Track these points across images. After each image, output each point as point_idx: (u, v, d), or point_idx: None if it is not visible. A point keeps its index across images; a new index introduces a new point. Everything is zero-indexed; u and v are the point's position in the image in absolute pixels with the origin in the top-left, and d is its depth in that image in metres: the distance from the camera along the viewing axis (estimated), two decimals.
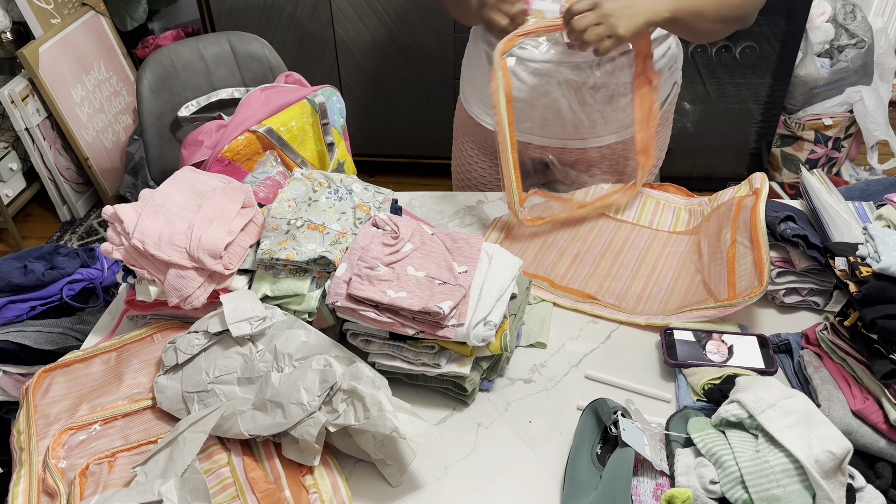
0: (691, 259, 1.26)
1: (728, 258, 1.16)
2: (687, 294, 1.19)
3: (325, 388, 0.89)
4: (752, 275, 1.10)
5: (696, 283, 1.21)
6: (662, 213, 1.37)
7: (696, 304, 1.14)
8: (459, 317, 0.96)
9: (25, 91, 2.69)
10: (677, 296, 1.20)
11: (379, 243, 1.05)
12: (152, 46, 3.11)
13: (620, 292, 1.21)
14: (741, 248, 1.15)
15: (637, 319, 1.15)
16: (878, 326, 0.88)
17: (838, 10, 2.66)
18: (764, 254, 1.10)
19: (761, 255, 1.10)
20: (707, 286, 1.18)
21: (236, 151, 1.38)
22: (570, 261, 1.28)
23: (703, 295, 1.17)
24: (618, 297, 1.20)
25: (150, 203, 1.09)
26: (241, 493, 0.86)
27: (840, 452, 0.80)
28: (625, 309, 1.17)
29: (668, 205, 1.39)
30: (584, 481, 0.87)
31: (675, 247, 1.29)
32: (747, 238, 1.15)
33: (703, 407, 0.98)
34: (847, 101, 2.67)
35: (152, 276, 1.06)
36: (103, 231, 2.95)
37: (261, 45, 1.94)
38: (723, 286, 1.14)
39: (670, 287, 1.21)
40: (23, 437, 0.97)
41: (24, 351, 1.40)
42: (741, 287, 1.10)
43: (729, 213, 1.23)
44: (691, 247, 1.29)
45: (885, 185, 1.37)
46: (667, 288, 1.21)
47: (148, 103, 1.85)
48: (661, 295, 1.20)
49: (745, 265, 1.12)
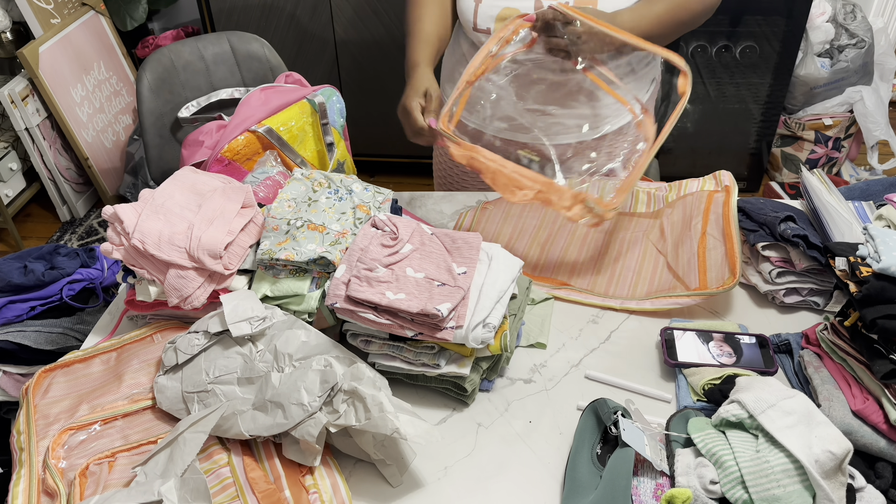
0: (653, 240, 1.29)
1: (699, 248, 1.20)
2: (653, 278, 1.23)
3: (326, 388, 0.89)
4: (722, 267, 1.15)
5: (660, 266, 1.24)
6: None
7: (667, 290, 1.18)
8: (458, 318, 0.96)
9: (25, 91, 2.69)
10: (644, 279, 1.23)
11: (378, 244, 1.04)
12: (152, 46, 3.11)
13: (591, 276, 1.24)
14: (711, 239, 1.20)
15: (611, 303, 1.18)
16: (878, 326, 0.88)
17: (838, 10, 2.66)
18: (735, 246, 1.15)
19: (733, 247, 1.15)
20: (673, 271, 1.22)
21: (236, 151, 1.38)
22: (540, 247, 1.31)
23: (671, 281, 1.20)
24: (589, 282, 1.23)
25: (150, 203, 1.09)
26: (241, 493, 0.86)
27: (840, 452, 0.80)
28: (598, 293, 1.20)
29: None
30: (584, 481, 0.87)
31: (637, 230, 1.33)
32: (718, 231, 1.20)
33: (703, 407, 0.98)
34: (847, 101, 2.67)
35: (152, 276, 1.06)
36: (103, 231, 2.95)
37: (261, 45, 1.93)
38: (693, 275, 1.18)
39: (636, 269, 1.25)
40: (23, 437, 0.97)
41: (24, 351, 1.40)
42: (711, 277, 1.15)
43: (700, 204, 1.27)
44: (653, 229, 1.32)
45: (885, 185, 1.37)
46: (634, 270, 1.25)
47: (148, 103, 1.85)
48: (630, 278, 1.24)
49: (716, 257, 1.17)
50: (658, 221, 1.32)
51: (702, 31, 2.55)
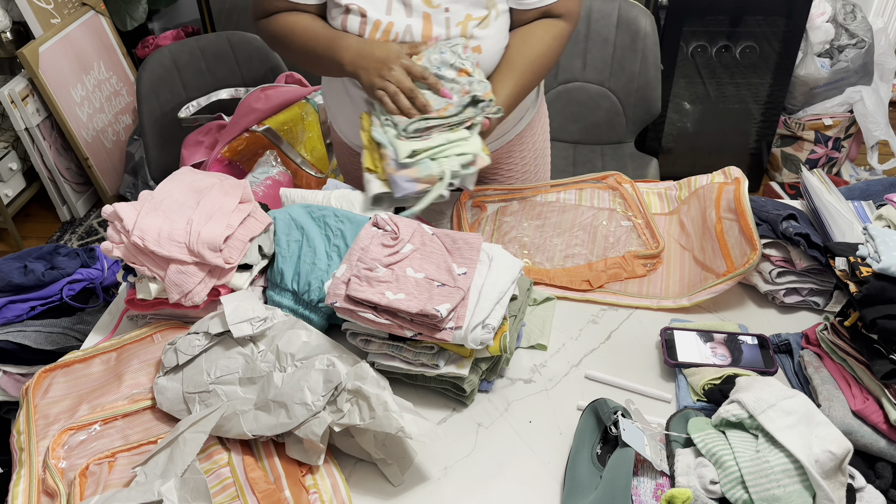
0: (675, 237, 1.30)
1: (717, 233, 1.21)
2: (683, 274, 1.23)
3: (330, 388, 0.89)
4: (742, 243, 1.15)
5: (687, 260, 1.25)
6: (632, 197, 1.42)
7: (700, 283, 1.18)
8: (457, 319, 0.96)
9: (25, 91, 2.69)
10: (674, 276, 1.23)
11: (378, 244, 1.04)
12: (152, 46, 3.11)
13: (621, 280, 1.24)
14: (727, 222, 1.21)
15: (647, 303, 1.18)
16: (878, 326, 0.88)
17: (838, 10, 2.66)
18: (750, 221, 1.15)
19: (747, 222, 1.16)
20: (702, 263, 1.22)
21: (236, 151, 1.39)
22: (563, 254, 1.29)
23: (701, 273, 1.21)
24: (621, 285, 1.23)
25: (150, 201, 1.09)
26: (241, 493, 0.86)
27: (840, 452, 0.80)
28: (630, 294, 1.20)
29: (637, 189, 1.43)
30: (584, 481, 0.87)
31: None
32: (731, 212, 1.21)
33: (703, 407, 0.98)
34: (847, 101, 2.67)
35: (153, 273, 1.06)
36: (103, 231, 2.95)
37: (261, 45, 1.94)
38: (719, 260, 1.18)
39: (664, 268, 1.25)
40: (23, 438, 0.97)
41: (24, 351, 1.40)
42: (736, 255, 1.15)
43: (711, 194, 1.28)
44: (673, 226, 1.33)
45: (885, 185, 1.37)
46: (662, 269, 1.25)
47: (148, 103, 1.85)
48: (660, 277, 1.24)
49: (734, 235, 1.18)
50: (676, 217, 1.34)
51: (702, 31, 2.55)
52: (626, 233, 1.30)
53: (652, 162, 2.28)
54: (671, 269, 1.25)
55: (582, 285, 1.21)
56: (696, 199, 1.32)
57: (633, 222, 1.32)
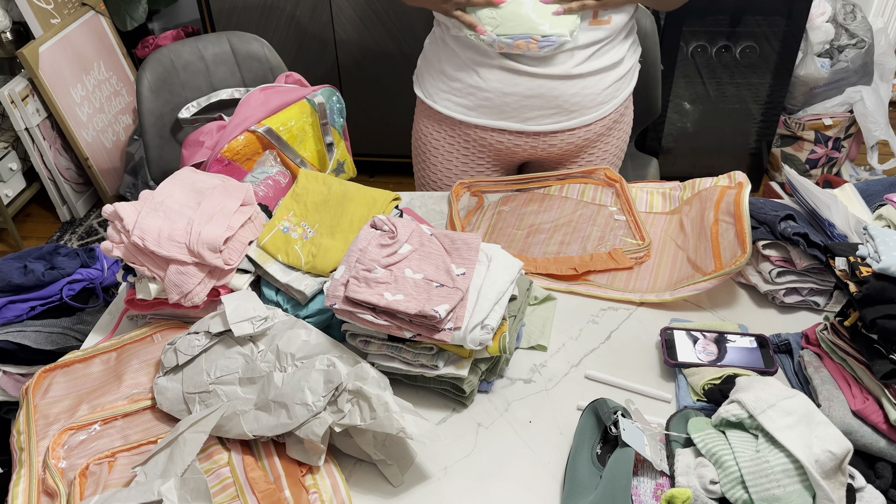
0: (672, 236, 1.31)
1: (712, 234, 1.22)
2: (672, 271, 1.24)
3: (331, 388, 0.89)
4: (735, 246, 1.16)
5: (679, 259, 1.26)
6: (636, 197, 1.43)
7: (686, 279, 1.20)
8: (456, 320, 0.95)
9: (25, 91, 2.69)
10: (664, 273, 1.24)
11: (377, 245, 1.04)
12: (152, 46, 3.11)
13: (609, 273, 1.25)
14: (723, 224, 1.22)
15: (630, 296, 1.19)
16: (878, 326, 0.88)
17: (838, 10, 2.66)
18: (746, 226, 1.17)
19: (743, 227, 1.17)
20: (692, 262, 1.24)
21: (236, 151, 1.39)
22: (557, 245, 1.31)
23: (689, 271, 1.22)
24: (608, 278, 1.24)
25: (150, 201, 1.09)
26: (241, 493, 0.86)
27: (840, 452, 0.80)
28: (616, 288, 1.22)
29: (642, 189, 1.45)
30: (584, 481, 0.87)
31: (655, 227, 1.35)
32: (730, 215, 1.22)
33: (703, 407, 0.98)
34: (847, 101, 2.67)
35: (152, 273, 1.06)
36: (103, 231, 2.95)
37: (261, 45, 1.93)
38: (709, 259, 1.20)
39: (655, 264, 1.27)
40: (23, 438, 0.97)
41: (24, 351, 1.40)
42: (726, 258, 1.16)
43: (712, 197, 1.30)
44: (672, 225, 1.34)
45: (885, 185, 1.37)
46: (652, 265, 1.27)
47: (148, 103, 1.85)
48: (649, 273, 1.25)
49: (729, 238, 1.19)
50: (677, 217, 1.35)
51: (702, 31, 2.55)
52: (620, 228, 1.32)
53: (652, 162, 2.28)
54: (662, 267, 1.26)
55: (568, 272, 1.23)
56: (699, 201, 1.33)
57: (627, 219, 1.34)
